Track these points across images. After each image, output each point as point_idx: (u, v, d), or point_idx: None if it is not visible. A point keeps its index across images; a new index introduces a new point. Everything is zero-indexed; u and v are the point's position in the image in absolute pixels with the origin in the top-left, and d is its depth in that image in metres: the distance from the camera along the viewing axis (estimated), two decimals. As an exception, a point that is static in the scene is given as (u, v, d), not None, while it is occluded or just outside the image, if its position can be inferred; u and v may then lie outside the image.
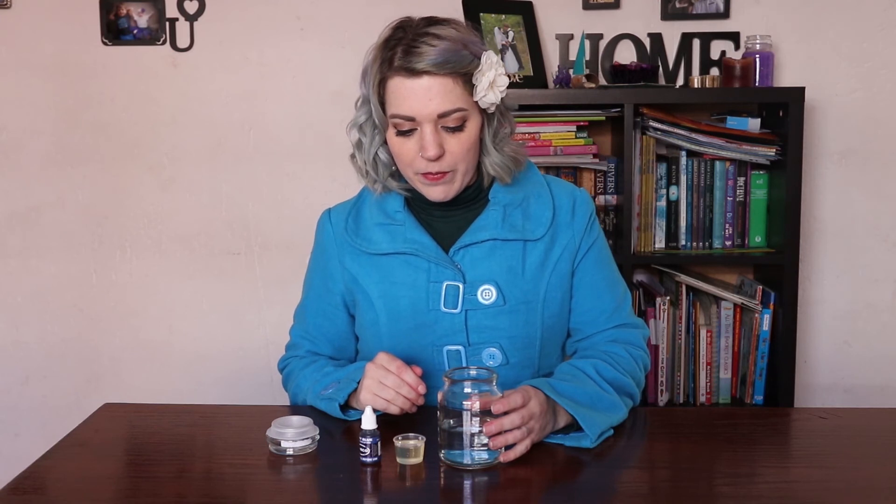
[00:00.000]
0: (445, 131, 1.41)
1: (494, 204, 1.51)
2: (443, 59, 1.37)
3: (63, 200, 2.61)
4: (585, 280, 1.54)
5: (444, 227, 1.52)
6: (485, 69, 1.41)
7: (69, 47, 2.55)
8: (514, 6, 2.45)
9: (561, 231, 1.52)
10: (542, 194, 1.53)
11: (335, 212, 1.60)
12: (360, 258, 1.54)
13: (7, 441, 2.67)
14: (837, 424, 1.47)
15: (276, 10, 2.54)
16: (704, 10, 2.48)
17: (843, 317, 2.59)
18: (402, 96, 1.40)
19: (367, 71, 1.44)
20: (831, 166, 2.53)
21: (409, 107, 1.39)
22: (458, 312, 1.47)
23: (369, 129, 1.48)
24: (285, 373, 1.64)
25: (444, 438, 1.28)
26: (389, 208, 1.53)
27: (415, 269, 1.50)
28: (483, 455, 1.27)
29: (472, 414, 1.25)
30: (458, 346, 1.48)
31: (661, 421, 1.52)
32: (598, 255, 1.56)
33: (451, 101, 1.39)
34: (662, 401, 2.41)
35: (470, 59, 1.40)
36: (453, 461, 1.27)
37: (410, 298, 1.49)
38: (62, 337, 2.65)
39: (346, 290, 1.57)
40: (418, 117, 1.40)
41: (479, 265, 1.48)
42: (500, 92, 1.42)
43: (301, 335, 1.63)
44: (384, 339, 1.52)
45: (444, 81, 1.38)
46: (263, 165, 2.59)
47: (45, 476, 1.29)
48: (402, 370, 1.38)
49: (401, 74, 1.39)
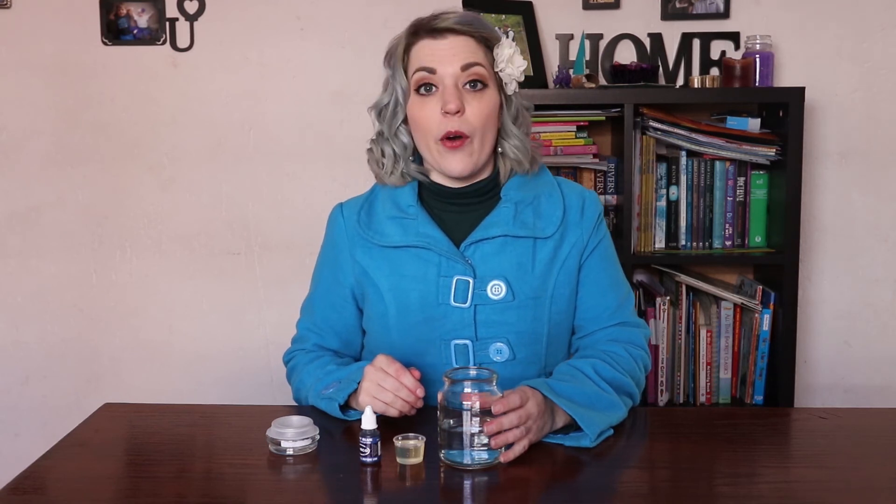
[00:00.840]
0: (466, 91, 1.47)
1: (506, 201, 1.53)
2: (467, 20, 1.47)
3: (63, 200, 2.61)
4: (590, 277, 1.56)
5: (456, 222, 1.54)
6: (504, 45, 1.49)
7: (69, 47, 2.55)
8: (514, 6, 2.45)
9: (570, 229, 1.54)
10: (553, 194, 1.56)
11: (347, 206, 1.62)
12: (371, 251, 1.55)
13: (7, 441, 2.67)
14: (837, 424, 1.47)
15: (276, 10, 2.54)
16: (704, 10, 2.48)
17: (843, 317, 2.59)
18: (425, 54, 1.48)
19: (393, 49, 1.52)
20: (831, 166, 2.53)
21: (431, 60, 1.46)
22: (467, 307, 1.48)
23: (390, 111, 1.53)
24: (290, 366, 1.64)
25: (443, 438, 1.28)
26: (402, 202, 1.54)
27: (425, 262, 1.51)
28: (483, 455, 1.27)
29: (471, 414, 1.25)
30: (465, 341, 1.49)
31: (661, 421, 1.53)
32: (603, 254, 1.58)
33: (473, 56, 1.47)
34: (662, 401, 2.41)
35: (490, 29, 1.50)
36: (453, 461, 1.27)
37: (420, 292, 1.50)
38: (62, 337, 2.65)
39: (356, 283, 1.58)
40: (440, 70, 1.46)
41: (490, 261, 1.49)
42: (518, 70, 1.50)
43: (308, 328, 1.63)
44: (393, 331, 1.53)
45: (467, 41, 1.47)
46: (263, 165, 2.59)
47: (45, 476, 1.29)
48: (400, 373, 1.38)
49: (426, 38, 1.47)
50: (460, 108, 1.45)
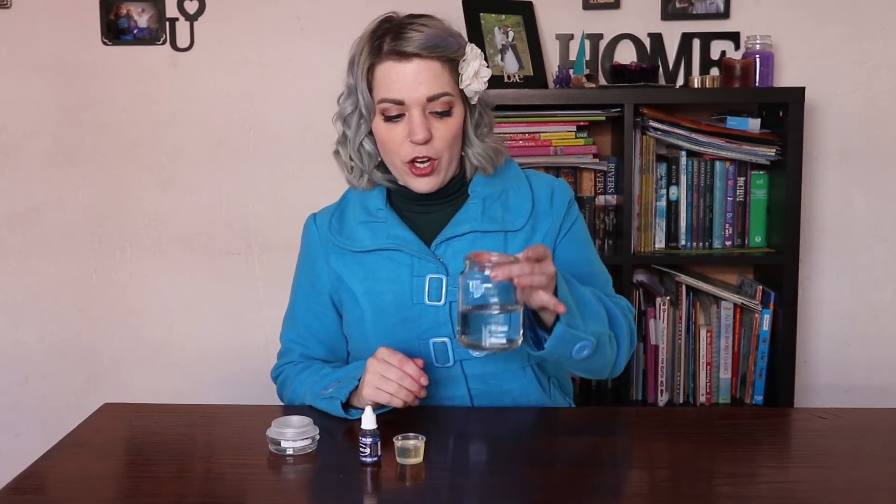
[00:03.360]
0: (433, 117, 1.45)
1: (474, 197, 1.53)
2: (432, 43, 1.42)
3: (63, 200, 2.61)
4: (565, 256, 1.55)
5: (426, 221, 1.54)
6: (470, 59, 1.46)
7: (69, 47, 2.55)
8: (514, 6, 2.45)
9: (541, 220, 1.54)
10: (521, 187, 1.56)
11: (320, 215, 1.64)
12: (344, 257, 1.56)
13: (7, 441, 2.67)
14: (837, 424, 1.47)
15: (276, 10, 2.54)
16: (704, 10, 2.48)
17: (843, 317, 2.59)
18: (391, 80, 1.43)
19: (355, 60, 1.48)
20: (831, 166, 2.53)
21: (398, 90, 1.43)
22: (442, 305, 1.49)
23: (354, 121, 1.50)
24: (280, 381, 1.64)
25: (463, 323, 1.27)
26: (371, 206, 1.55)
27: (398, 264, 1.51)
28: (501, 340, 1.26)
29: (490, 297, 1.24)
30: (444, 339, 1.49)
31: (661, 421, 1.53)
32: (577, 236, 1.58)
33: (439, 84, 1.44)
34: (662, 401, 2.41)
35: (456, 46, 1.46)
36: (472, 343, 1.27)
37: (394, 293, 1.51)
38: (62, 337, 2.65)
39: (333, 290, 1.58)
40: (407, 101, 1.43)
41: (461, 257, 1.48)
42: (483, 82, 1.47)
43: (292, 339, 1.64)
44: (370, 335, 1.53)
45: (432, 66, 1.43)
46: (263, 165, 2.59)
47: (45, 476, 1.29)
48: (403, 363, 1.39)
49: (390, 59, 1.43)
50: (428, 138, 1.44)
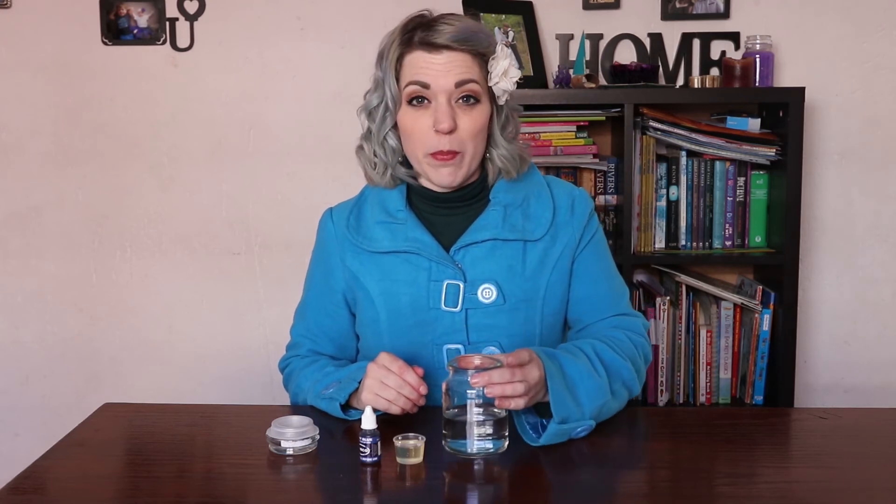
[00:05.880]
0: (458, 107, 1.45)
1: (495, 204, 1.52)
2: (463, 36, 1.43)
3: (63, 200, 2.61)
4: (584, 269, 1.55)
5: (445, 226, 1.53)
6: (500, 57, 1.47)
7: (69, 47, 2.55)
8: (514, 6, 2.45)
9: (561, 230, 1.53)
10: (543, 195, 1.55)
11: (337, 210, 1.61)
12: (361, 256, 1.54)
13: (7, 441, 2.67)
14: (837, 424, 1.46)
15: (276, 10, 2.54)
16: (704, 10, 2.48)
17: (843, 317, 2.59)
18: (419, 66, 1.45)
19: (384, 53, 1.48)
20: (831, 166, 2.53)
21: (425, 75, 1.44)
22: (458, 311, 1.48)
23: (380, 114, 1.50)
24: (286, 372, 1.64)
25: (448, 427, 1.28)
26: (391, 206, 1.54)
27: (415, 267, 1.50)
28: (487, 445, 1.27)
29: (475, 404, 1.26)
30: (457, 345, 1.48)
31: (661, 421, 1.53)
32: (596, 248, 1.57)
33: (467, 72, 1.44)
34: (662, 401, 2.41)
35: (486, 42, 1.47)
36: (457, 450, 1.28)
37: (411, 296, 1.50)
38: (62, 337, 2.65)
39: (347, 288, 1.57)
40: (434, 86, 1.44)
41: (480, 264, 1.49)
42: (513, 82, 1.47)
43: (302, 334, 1.63)
44: (384, 336, 1.52)
45: (463, 57, 1.44)
46: (263, 165, 2.59)
47: (45, 476, 1.29)
48: (403, 370, 1.38)
49: (421, 49, 1.44)
50: (452, 127, 1.44)
